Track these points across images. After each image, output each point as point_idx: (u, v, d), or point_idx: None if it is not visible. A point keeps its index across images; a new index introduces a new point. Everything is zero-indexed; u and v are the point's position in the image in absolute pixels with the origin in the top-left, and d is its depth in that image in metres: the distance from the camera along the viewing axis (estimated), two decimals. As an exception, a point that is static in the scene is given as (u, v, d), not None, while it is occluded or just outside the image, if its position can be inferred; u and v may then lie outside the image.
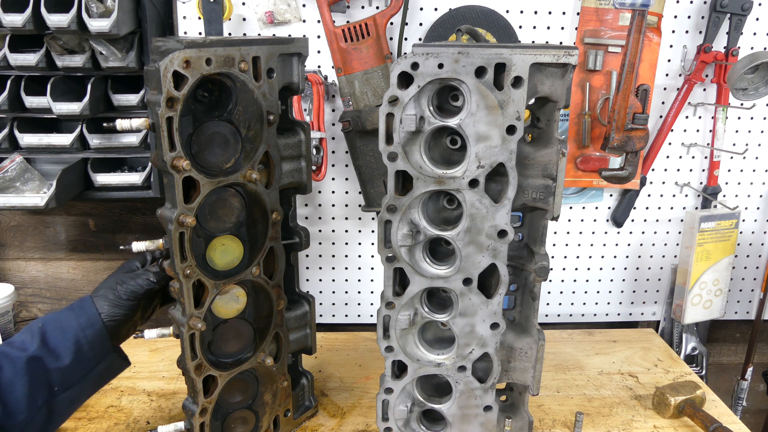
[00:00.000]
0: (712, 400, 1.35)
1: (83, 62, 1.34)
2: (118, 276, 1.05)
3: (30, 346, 0.93)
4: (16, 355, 0.92)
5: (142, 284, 1.03)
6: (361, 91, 1.39)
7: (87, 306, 0.99)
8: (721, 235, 1.54)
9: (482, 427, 1.10)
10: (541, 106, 0.98)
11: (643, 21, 1.29)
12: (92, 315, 0.98)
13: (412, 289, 1.00)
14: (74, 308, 0.99)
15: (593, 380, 1.45)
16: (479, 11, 1.44)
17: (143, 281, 1.03)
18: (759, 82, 1.43)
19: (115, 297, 1.01)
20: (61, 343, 0.95)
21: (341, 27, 1.36)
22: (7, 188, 1.37)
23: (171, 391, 1.36)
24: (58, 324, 0.97)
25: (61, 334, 0.95)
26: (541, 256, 1.01)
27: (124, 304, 1.01)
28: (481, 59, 0.87)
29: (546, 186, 0.96)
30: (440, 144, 0.97)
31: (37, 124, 1.43)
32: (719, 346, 1.85)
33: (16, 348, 0.94)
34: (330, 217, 1.60)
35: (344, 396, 1.37)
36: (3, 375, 0.91)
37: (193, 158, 0.93)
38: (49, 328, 0.96)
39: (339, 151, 1.53)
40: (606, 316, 1.74)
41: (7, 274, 1.69)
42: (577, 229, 1.65)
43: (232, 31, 1.44)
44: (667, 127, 1.54)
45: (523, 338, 1.07)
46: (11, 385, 0.90)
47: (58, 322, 0.97)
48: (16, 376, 0.91)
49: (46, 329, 0.96)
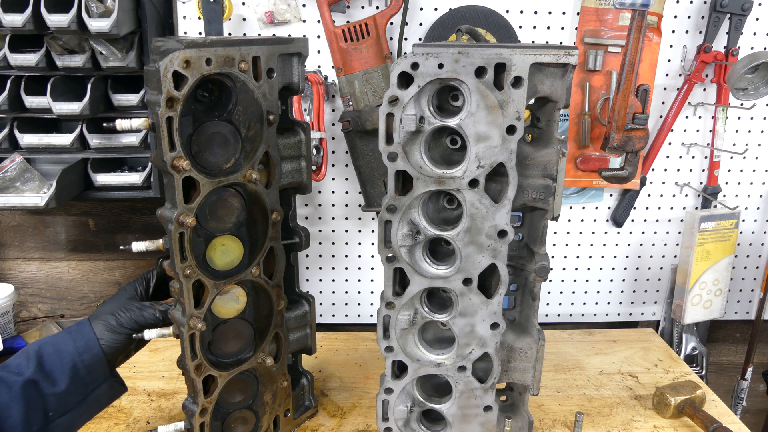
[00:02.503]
0: (712, 400, 1.35)
1: (83, 62, 1.34)
2: (120, 302, 1.02)
3: (26, 370, 0.92)
4: (11, 379, 0.91)
5: (148, 318, 1.00)
6: (361, 91, 1.39)
7: (85, 330, 0.97)
8: (721, 235, 1.54)
9: (482, 427, 1.10)
10: (541, 106, 0.98)
11: (643, 21, 1.29)
12: (90, 339, 0.96)
13: (412, 289, 1.00)
14: (72, 332, 0.97)
15: (593, 380, 1.45)
16: (479, 11, 1.44)
17: (150, 316, 1.00)
18: (759, 82, 1.43)
19: (117, 324, 0.99)
20: (57, 368, 0.93)
21: (341, 27, 1.36)
22: (7, 188, 1.37)
23: (171, 391, 1.36)
24: (55, 348, 0.95)
25: (58, 359, 0.94)
26: (541, 256, 1.01)
27: (125, 332, 0.99)
28: (481, 59, 0.87)
29: (546, 186, 0.96)
30: (440, 144, 0.97)
31: (37, 124, 1.43)
32: (719, 346, 1.85)
33: (12, 372, 0.92)
34: (330, 217, 1.60)
35: (344, 396, 1.37)
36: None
37: (193, 158, 0.93)
38: (45, 351, 0.94)
39: (339, 151, 1.53)
40: (606, 316, 1.74)
41: (7, 274, 1.69)
42: (577, 229, 1.65)
43: (232, 31, 1.44)
44: (667, 127, 1.54)
45: (523, 338, 1.07)
46: (7, 410, 0.89)
47: (55, 345, 0.95)
48: (11, 401, 0.89)
49: (43, 352, 0.94)
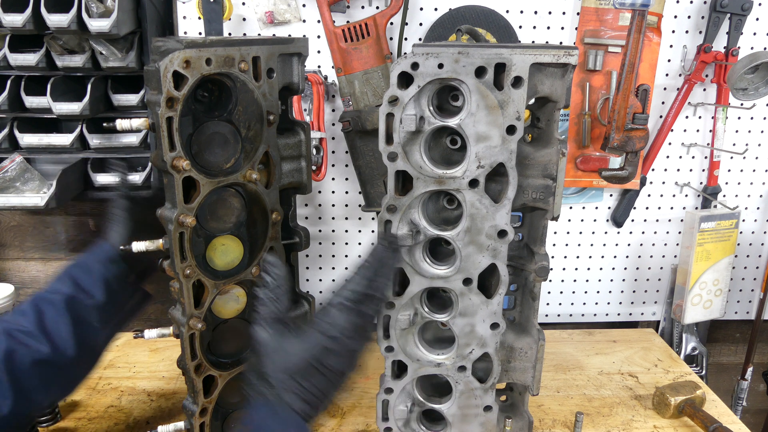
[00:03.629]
0: (712, 400, 1.35)
1: (83, 62, 1.34)
2: None
3: (64, 288, 0.96)
4: (53, 297, 0.95)
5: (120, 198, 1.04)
6: (361, 91, 1.39)
7: (104, 245, 1.01)
8: (721, 235, 1.54)
9: (482, 427, 1.10)
10: (541, 106, 0.98)
11: (643, 21, 1.29)
12: (112, 254, 1.00)
13: (412, 289, 1.00)
14: (94, 251, 1.01)
15: (593, 380, 1.45)
16: (479, 11, 1.44)
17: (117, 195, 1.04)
18: (759, 82, 1.43)
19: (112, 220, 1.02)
20: (91, 283, 0.97)
21: (341, 27, 1.36)
22: (7, 188, 1.37)
23: (171, 391, 1.36)
24: (85, 267, 0.99)
25: (89, 276, 0.98)
26: (541, 256, 1.01)
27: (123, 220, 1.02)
28: (481, 59, 0.87)
29: (546, 186, 0.96)
30: (440, 144, 0.97)
31: (37, 124, 1.43)
32: (719, 346, 1.85)
33: (52, 292, 0.96)
34: (330, 217, 1.59)
35: (344, 396, 1.37)
36: (46, 317, 0.93)
37: (193, 158, 0.93)
38: (75, 272, 0.98)
39: (339, 151, 1.53)
40: (606, 316, 1.74)
41: (7, 274, 1.69)
42: (577, 229, 1.65)
43: (232, 31, 1.44)
44: (667, 127, 1.54)
45: (523, 338, 1.07)
46: (56, 324, 0.92)
47: (84, 266, 0.99)
48: (58, 315, 0.93)
49: (73, 273, 0.98)
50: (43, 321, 0.92)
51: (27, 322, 0.91)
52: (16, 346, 0.88)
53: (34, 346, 0.89)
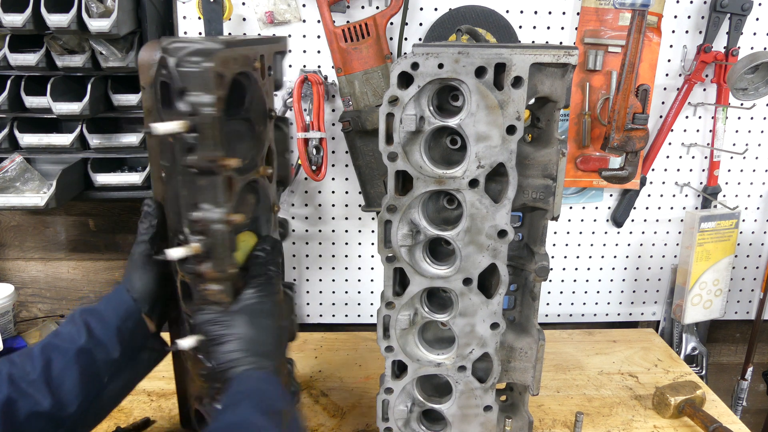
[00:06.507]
0: (712, 400, 1.35)
1: (83, 62, 1.34)
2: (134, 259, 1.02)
3: (78, 338, 0.93)
4: (65, 347, 0.92)
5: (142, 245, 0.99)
6: (361, 91, 1.39)
7: (122, 296, 0.98)
8: (721, 235, 1.54)
9: (482, 427, 1.10)
10: (541, 106, 0.98)
11: (643, 21, 1.29)
12: (129, 305, 0.97)
13: (412, 289, 1.00)
14: (111, 300, 0.98)
15: (593, 380, 1.45)
16: (479, 11, 1.44)
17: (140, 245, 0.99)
18: (759, 82, 1.43)
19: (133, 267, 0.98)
20: (106, 336, 0.94)
21: (341, 27, 1.36)
22: (7, 188, 1.37)
23: (171, 391, 1.36)
24: (100, 317, 0.96)
25: (104, 327, 0.95)
26: (541, 256, 1.01)
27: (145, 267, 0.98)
28: (481, 59, 0.87)
29: (546, 186, 0.96)
30: (440, 144, 0.97)
31: (37, 124, 1.43)
32: (719, 346, 1.85)
33: (66, 340, 0.93)
34: (330, 217, 1.60)
35: (344, 396, 1.37)
36: (54, 367, 0.90)
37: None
38: (90, 320, 0.95)
39: (339, 151, 1.53)
40: (606, 316, 1.74)
41: (7, 274, 1.69)
42: (577, 229, 1.65)
43: (232, 31, 1.44)
44: (667, 127, 1.54)
45: (523, 338, 1.07)
46: (63, 376, 0.90)
47: (99, 314, 0.96)
48: (67, 367, 0.90)
49: (88, 321, 0.95)
50: (50, 371, 0.89)
51: (33, 369, 0.88)
52: (17, 396, 0.85)
53: (35, 398, 0.86)
